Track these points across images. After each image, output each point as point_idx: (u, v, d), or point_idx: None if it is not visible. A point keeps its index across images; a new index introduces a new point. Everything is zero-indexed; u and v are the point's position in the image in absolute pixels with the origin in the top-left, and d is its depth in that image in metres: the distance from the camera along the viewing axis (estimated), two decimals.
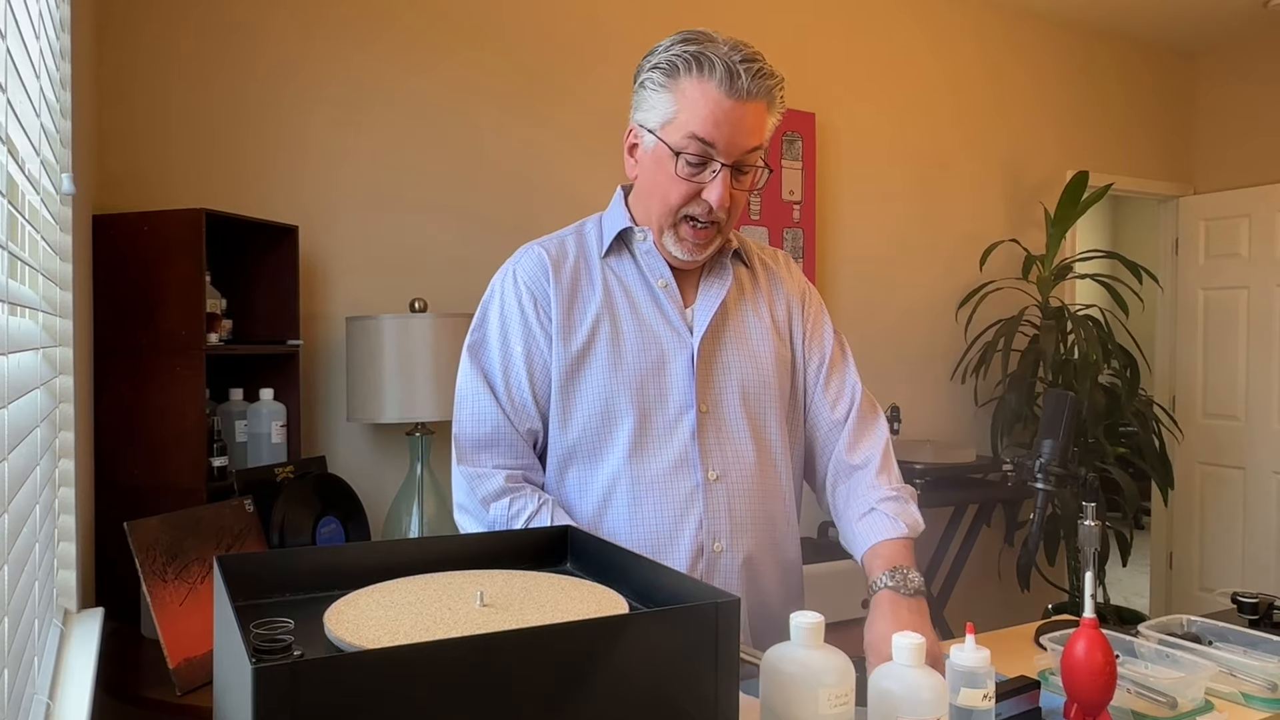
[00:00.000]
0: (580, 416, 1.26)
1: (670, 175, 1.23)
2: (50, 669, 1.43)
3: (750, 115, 1.20)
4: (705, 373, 1.29)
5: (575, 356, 1.26)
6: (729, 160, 1.20)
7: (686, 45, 1.20)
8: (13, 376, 1.13)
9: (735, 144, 1.20)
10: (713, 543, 1.26)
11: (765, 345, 1.34)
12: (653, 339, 1.28)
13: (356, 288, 2.77)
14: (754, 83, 1.18)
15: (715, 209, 1.22)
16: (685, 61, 1.19)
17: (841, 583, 3.17)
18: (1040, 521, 1.39)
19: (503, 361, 1.28)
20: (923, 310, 3.89)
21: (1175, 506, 4.48)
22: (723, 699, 0.76)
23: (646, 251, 1.31)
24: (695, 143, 1.20)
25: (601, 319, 1.28)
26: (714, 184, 1.21)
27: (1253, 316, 4.29)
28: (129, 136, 2.48)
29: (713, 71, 1.18)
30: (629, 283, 1.31)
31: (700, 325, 1.29)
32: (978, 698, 0.96)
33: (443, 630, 0.77)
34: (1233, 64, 4.50)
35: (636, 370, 1.26)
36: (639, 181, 1.31)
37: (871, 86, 3.76)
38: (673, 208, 1.24)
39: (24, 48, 1.18)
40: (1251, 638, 1.34)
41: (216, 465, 2.32)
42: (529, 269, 1.30)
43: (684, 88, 1.20)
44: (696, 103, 1.19)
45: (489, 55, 2.96)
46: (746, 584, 1.28)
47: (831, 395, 1.39)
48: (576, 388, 1.27)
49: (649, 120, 1.25)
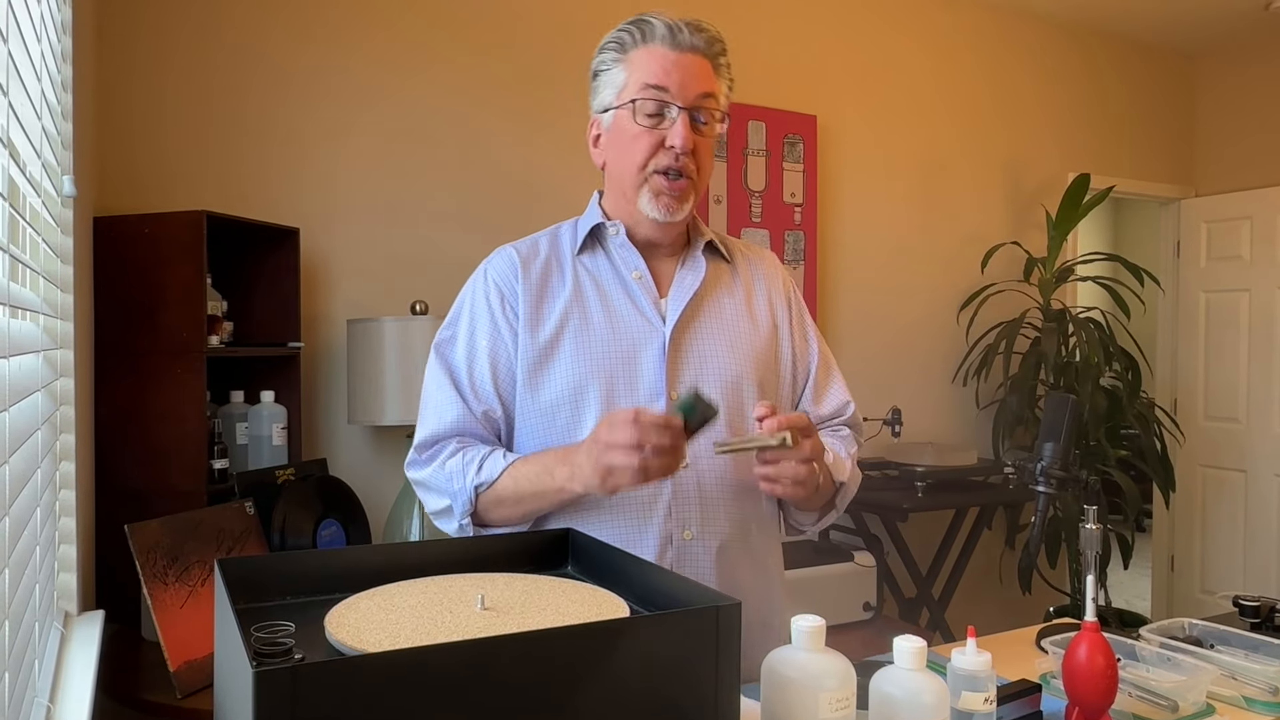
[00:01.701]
0: (549, 405, 1.27)
1: (632, 133, 1.26)
2: (51, 672, 1.43)
3: (696, 64, 1.25)
4: (678, 361, 1.29)
5: (543, 348, 1.28)
6: (685, 104, 1.24)
7: (628, 22, 1.27)
8: (13, 379, 1.13)
9: (687, 87, 1.24)
10: (682, 530, 1.25)
11: (743, 336, 1.34)
12: (623, 329, 1.29)
13: (357, 290, 2.77)
14: (695, 36, 1.25)
15: (680, 153, 1.24)
16: (629, 34, 1.27)
17: (843, 586, 3.17)
18: (1041, 524, 1.39)
19: (467, 356, 1.30)
20: (924, 313, 3.89)
21: (1176, 509, 4.47)
22: (723, 703, 0.76)
23: (620, 245, 1.33)
24: (649, 90, 1.24)
25: (570, 311, 1.29)
26: (675, 127, 1.24)
27: (1254, 319, 4.29)
28: (130, 139, 2.49)
29: (654, 32, 1.25)
30: (601, 276, 1.33)
31: (673, 314, 1.30)
32: (979, 701, 0.96)
33: (443, 634, 0.77)
34: (1234, 66, 4.50)
35: (606, 359, 1.27)
36: (607, 165, 1.34)
37: (873, 89, 3.76)
38: (640, 163, 1.26)
39: (25, 51, 1.18)
40: (1253, 641, 1.34)
41: (217, 468, 2.32)
42: (499, 268, 1.33)
43: (631, 57, 1.27)
44: (644, 61, 1.25)
45: (490, 58, 2.96)
46: (719, 575, 1.26)
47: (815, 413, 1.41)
48: (544, 377, 1.28)
49: (605, 99, 1.30)
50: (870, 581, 3.23)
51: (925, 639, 0.91)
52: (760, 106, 3.45)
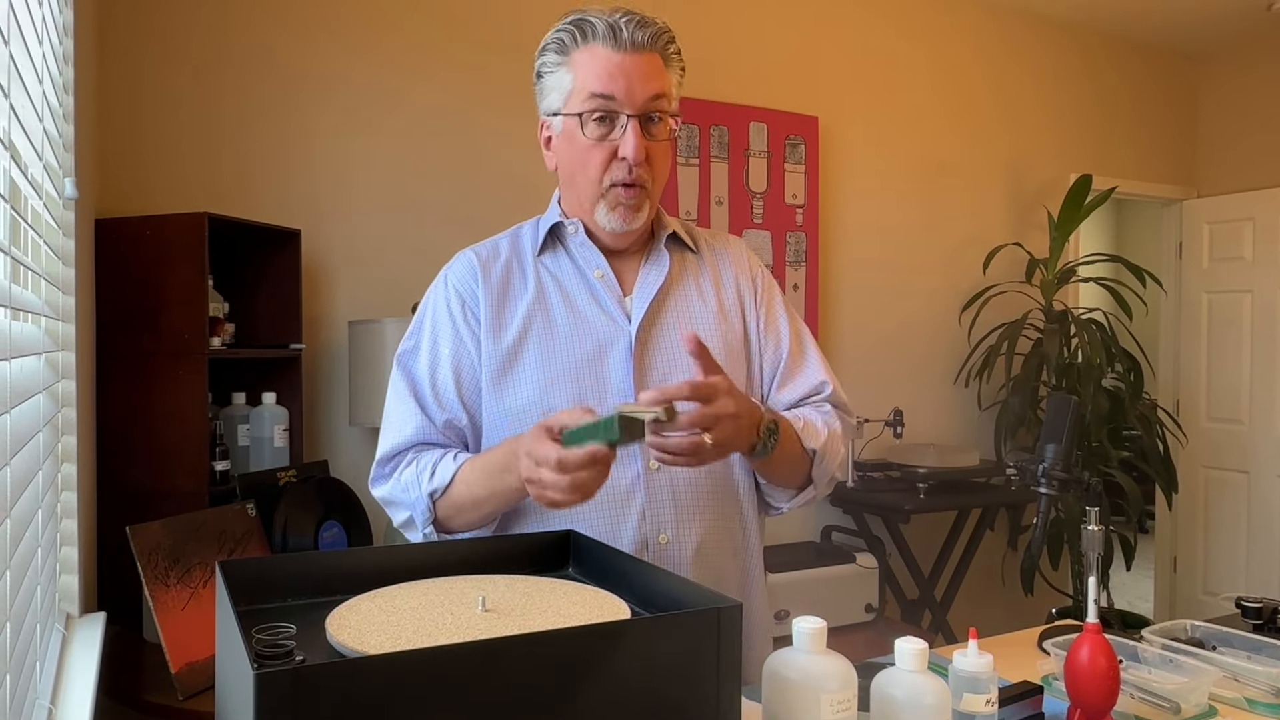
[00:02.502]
0: (516, 410, 1.24)
1: (584, 145, 1.23)
2: (52, 673, 1.43)
3: (643, 64, 1.20)
4: (645, 360, 1.26)
5: (506, 353, 1.25)
6: (634, 110, 1.20)
7: (566, 20, 1.23)
8: (15, 381, 1.13)
9: (634, 91, 1.20)
10: (657, 534, 1.22)
11: (711, 330, 1.31)
12: (588, 330, 1.26)
13: (359, 292, 2.77)
14: (638, 32, 1.20)
15: (634, 163, 1.21)
16: (569, 34, 1.22)
17: (844, 587, 3.17)
18: (1043, 526, 1.39)
19: (430, 365, 1.27)
20: (926, 314, 3.89)
21: (1179, 510, 4.46)
22: (724, 704, 0.76)
23: (580, 244, 1.30)
24: (596, 99, 1.20)
25: (534, 314, 1.26)
26: (626, 137, 1.20)
27: (1256, 320, 4.28)
28: (131, 141, 2.49)
29: (595, 32, 1.20)
30: (563, 277, 1.30)
31: (638, 312, 1.27)
32: (980, 703, 0.95)
33: (445, 636, 0.77)
34: (1236, 67, 4.50)
35: (571, 361, 1.24)
36: (560, 170, 1.31)
37: (874, 90, 3.76)
38: (594, 178, 1.24)
39: (27, 52, 1.18)
40: (1255, 643, 1.33)
41: (219, 469, 2.32)
42: (458, 273, 1.31)
43: (574, 59, 1.22)
44: (588, 65, 1.21)
45: (493, 61, 2.97)
46: (698, 576, 1.23)
47: (786, 396, 1.34)
48: (510, 383, 1.25)
49: (553, 103, 1.26)
50: (872, 583, 3.23)
51: (927, 640, 0.91)
52: (761, 108, 3.45)
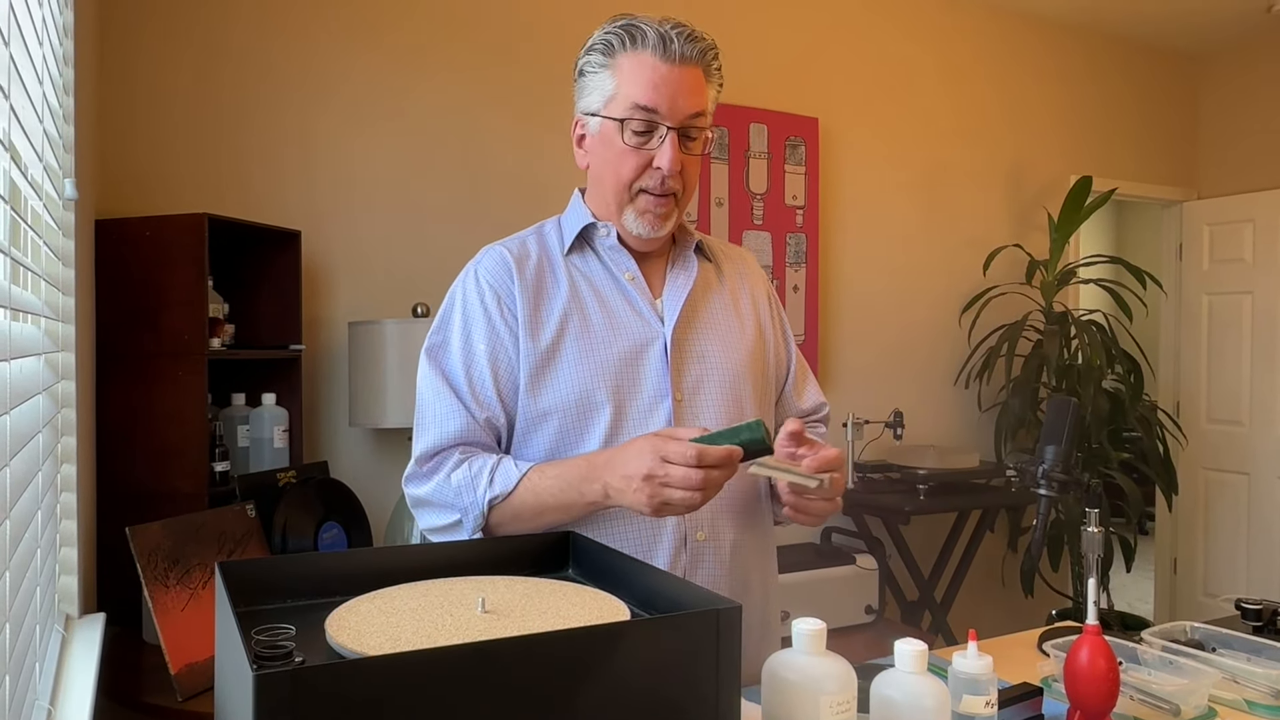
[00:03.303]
0: (554, 412, 1.24)
1: (620, 150, 1.24)
2: (52, 674, 1.43)
3: (688, 78, 1.22)
4: (680, 362, 1.28)
5: (545, 352, 1.25)
6: (674, 124, 1.22)
7: (616, 23, 1.24)
8: (15, 382, 1.13)
9: (677, 107, 1.21)
10: (695, 532, 1.25)
11: (737, 334, 1.35)
12: (624, 330, 1.27)
13: (359, 292, 2.78)
14: (686, 45, 1.21)
15: (668, 174, 1.23)
16: (618, 38, 1.23)
17: (844, 588, 3.17)
18: (1043, 527, 1.39)
19: (465, 361, 1.26)
20: (926, 315, 3.89)
21: (1179, 512, 4.46)
22: (724, 706, 0.76)
23: (610, 246, 1.31)
24: (639, 111, 1.21)
25: (570, 314, 1.27)
26: (663, 149, 1.22)
27: (1257, 321, 4.28)
28: (131, 142, 2.49)
29: (645, 41, 1.21)
30: (595, 278, 1.31)
31: (671, 315, 1.29)
32: (980, 705, 0.95)
33: (444, 637, 0.77)
34: (1237, 68, 4.50)
35: (610, 362, 1.25)
36: (591, 169, 1.32)
37: (875, 91, 3.76)
38: (626, 182, 1.25)
39: (27, 54, 1.19)
40: (1255, 644, 1.33)
41: (218, 470, 2.32)
42: (491, 268, 1.30)
43: (620, 63, 1.23)
44: (634, 73, 1.22)
45: (494, 62, 2.97)
46: (732, 573, 1.27)
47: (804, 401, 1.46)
48: (547, 383, 1.24)
49: (592, 104, 1.27)
50: (872, 584, 3.23)
51: (927, 642, 0.91)
52: (762, 109, 3.45)
